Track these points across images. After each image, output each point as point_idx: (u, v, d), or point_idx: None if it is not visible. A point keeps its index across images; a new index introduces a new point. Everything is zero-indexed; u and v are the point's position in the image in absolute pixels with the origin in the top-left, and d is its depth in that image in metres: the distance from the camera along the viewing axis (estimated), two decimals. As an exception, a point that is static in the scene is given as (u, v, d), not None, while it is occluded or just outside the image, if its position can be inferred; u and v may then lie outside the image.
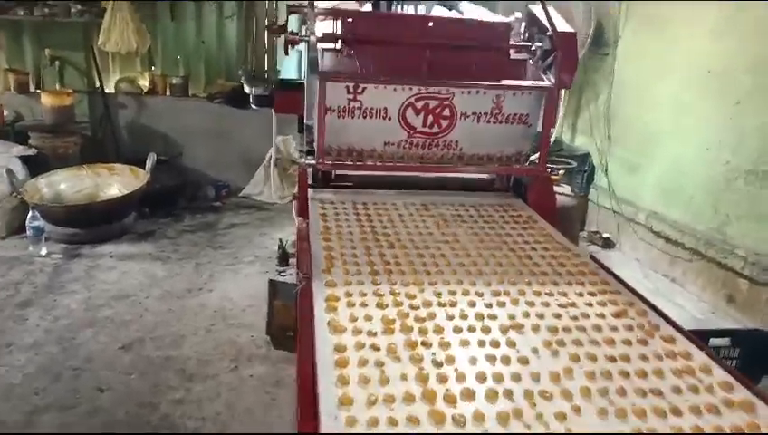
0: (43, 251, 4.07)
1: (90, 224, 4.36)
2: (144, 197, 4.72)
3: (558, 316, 1.55)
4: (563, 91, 5.00)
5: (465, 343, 1.40)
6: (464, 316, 1.53)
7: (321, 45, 2.50)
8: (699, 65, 3.90)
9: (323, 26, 2.64)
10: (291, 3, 2.80)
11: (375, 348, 1.33)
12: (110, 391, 2.69)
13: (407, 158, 2.54)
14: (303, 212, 2.35)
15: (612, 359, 1.38)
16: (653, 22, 4.38)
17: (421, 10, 4.11)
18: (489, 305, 1.59)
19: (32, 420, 2.48)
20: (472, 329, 1.46)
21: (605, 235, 4.79)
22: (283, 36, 2.74)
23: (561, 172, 4.17)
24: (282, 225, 4.90)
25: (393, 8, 4.10)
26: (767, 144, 3.43)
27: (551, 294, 1.66)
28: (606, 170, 4.81)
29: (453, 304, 1.58)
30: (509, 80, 2.55)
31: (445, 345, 1.38)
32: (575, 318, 1.56)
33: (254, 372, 2.89)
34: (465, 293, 1.64)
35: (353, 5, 4.01)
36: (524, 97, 2.54)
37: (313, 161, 2.45)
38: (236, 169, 5.71)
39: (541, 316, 1.55)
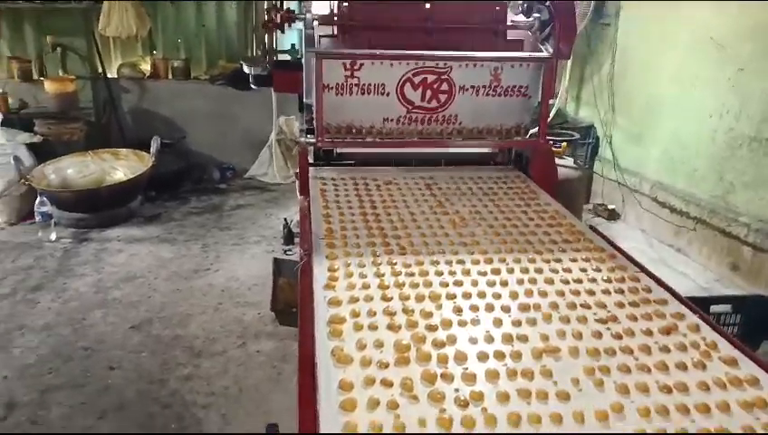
0: (53, 236, 4.13)
1: (97, 208, 4.42)
2: (150, 180, 4.77)
3: (540, 270, 1.64)
4: (566, 62, 4.96)
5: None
6: (452, 272, 1.60)
7: (317, 24, 2.50)
8: (701, 33, 3.86)
9: (319, 6, 2.64)
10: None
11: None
12: (120, 369, 2.76)
13: (406, 133, 2.55)
14: (305, 190, 2.37)
15: (604, 321, 1.41)
16: (655, -10, 4.33)
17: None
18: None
19: (45, 398, 2.55)
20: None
21: (610, 206, 4.78)
22: (278, 14, 2.72)
23: (563, 144, 4.16)
24: (287, 205, 4.93)
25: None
26: (769, 110, 3.40)
27: (554, 271, 1.64)
28: (610, 142, 4.78)
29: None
30: (505, 52, 2.55)
31: (446, 323, 1.37)
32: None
33: (260, 347, 2.94)
34: (465, 271, 1.61)
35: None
36: (523, 69, 2.53)
37: (313, 140, 2.46)
38: (241, 150, 5.73)
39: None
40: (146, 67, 5.68)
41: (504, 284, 1.56)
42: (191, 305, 3.33)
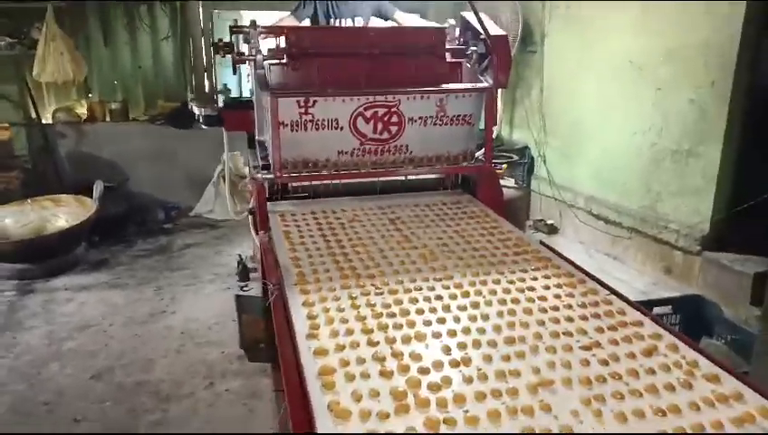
0: (-6, 290, 3.98)
1: (40, 258, 4.28)
2: (94, 225, 4.66)
3: (516, 301, 1.66)
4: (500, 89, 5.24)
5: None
6: (426, 298, 1.66)
7: (267, 63, 2.59)
8: (621, 57, 4.20)
9: (266, 44, 2.74)
10: (233, 25, 2.85)
11: (354, 346, 1.40)
12: (85, 421, 2.69)
13: (360, 165, 2.65)
14: (264, 225, 2.43)
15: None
16: (575, 20, 4.68)
17: (359, 22, 4.26)
18: (454, 296, 1.68)
19: (9, 458, 2.46)
20: (427, 299, 1.66)
21: (549, 221, 5.05)
22: (227, 55, 2.78)
23: (504, 166, 4.39)
24: (237, 241, 4.93)
25: (331, 21, 4.24)
26: (687, 125, 3.74)
27: (530, 299, 1.67)
28: (544, 161, 5.07)
29: (424, 298, 1.66)
30: (449, 83, 2.72)
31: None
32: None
33: (229, 386, 2.93)
34: (446, 307, 1.62)
35: (292, 21, 4.13)
36: (466, 99, 2.69)
37: (271, 175, 2.52)
38: (185, 188, 5.67)
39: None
40: (82, 111, 5.57)
41: (486, 317, 1.56)
42: (152, 350, 3.28)
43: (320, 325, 1.50)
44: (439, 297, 1.68)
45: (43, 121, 5.33)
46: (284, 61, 2.63)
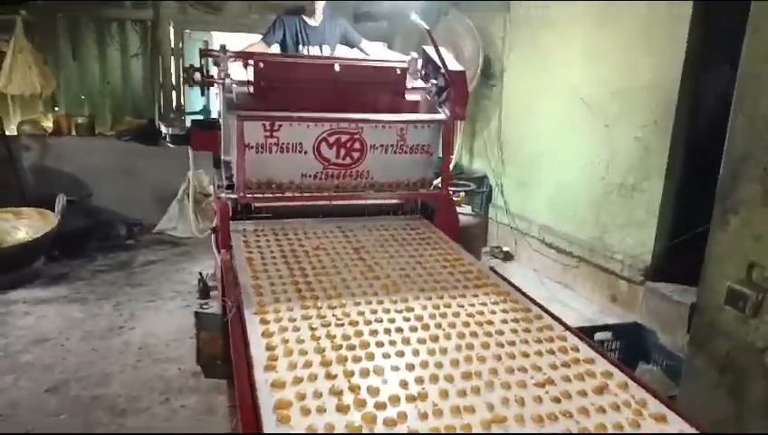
0: (-52, 301, 3.93)
1: (-2, 270, 4.25)
2: (55, 239, 4.64)
3: (466, 324, 1.74)
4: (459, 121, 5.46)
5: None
6: (387, 331, 1.68)
7: (236, 87, 2.70)
8: (573, 93, 4.44)
9: (235, 67, 2.86)
10: (203, 48, 2.96)
11: (312, 378, 1.41)
12: (38, 433, 2.70)
13: (323, 188, 2.76)
14: (225, 244, 2.51)
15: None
16: (531, 55, 4.93)
17: (326, 50, 4.41)
18: (414, 329, 1.71)
19: (-41, 469, 2.45)
20: (387, 331, 1.67)
21: (505, 248, 5.24)
22: (196, 75, 2.88)
23: (462, 194, 4.56)
24: (199, 259, 4.97)
25: (299, 47, 4.38)
26: (632, 161, 3.97)
27: (488, 334, 1.70)
28: (501, 190, 5.27)
29: (384, 330, 1.69)
30: (410, 114, 2.87)
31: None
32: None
33: (185, 402, 2.97)
34: (405, 340, 1.64)
35: (262, 46, 4.25)
36: (425, 129, 2.85)
37: (234, 195, 2.62)
38: (148, 205, 5.70)
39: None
40: (48, 124, 5.57)
41: (444, 351, 1.58)
42: (109, 365, 3.29)
43: (278, 356, 1.50)
44: (400, 329, 1.69)
45: (7, 133, 5.29)
46: (251, 91, 2.74)
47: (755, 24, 2.14)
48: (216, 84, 2.83)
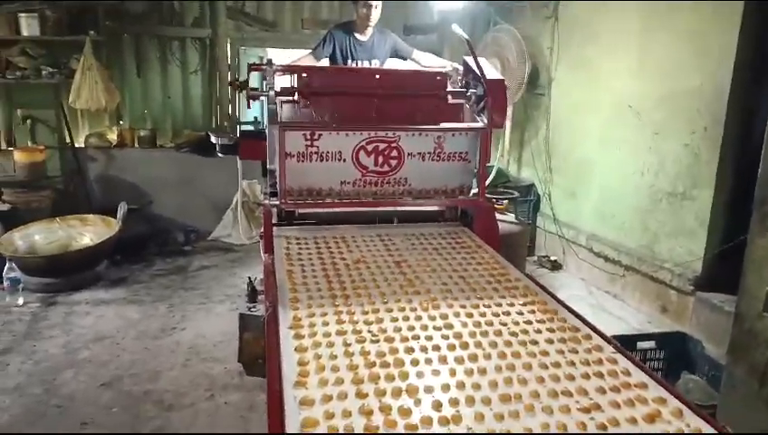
0: (20, 301, 4.23)
1: (64, 273, 4.54)
2: (116, 245, 4.92)
3: (517, 355, 1.59)
4: (506, 128, 5.45)
5: (429, 390, 1.44)
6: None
7: (279, 99, 2.82)
8: (621, 102, 4.37)
9: (281, 80, 2.98)
10: (251, 63, 3.10)
11: (342, 397, 1.36)
12: (93, 424, 2.88)
13: (361, 195, 2.84)
14: (269, 248, 2.62)
15: (534, 356, 1.57)
16: (580, 64, 4.88)
17: (375, 64, 4.49)
18: (452, 347, 1.62)
19: (21, 454, 2.65)
20: (424, 348, 1.60)
21: (552, 258, 5.17)
22: (244, 91, 3.02)
23: (505, 202, 4.55)
24: (250, 264, 5.14)
25: (349, 62, 4.48)
26: (681, 168, 3.87)
27: (531, 354, 1.61)
28: (549, 198, 5.22)
29: (421, 347, 1.61)
30: (447, 122, 2.92)
31: (425, 421, 1.36)
32: (533, 354, 1.61)
33: (228, 399, 3.10)
34: (442, 358, 1.57)
35: (310, 60, 4.39)
36: (462, 137, 2.88)
37: (277, 202, 2.73)
38: (205, 213, 5.95)
39: (493, 344, 1.65)
40: (113, 137, 5.91)
41: (483, 372, 1.49)
42: (160, 362, 3.47)
43: (309, 372, 1.45)
44: (437, 347, 1.61)
45: (76, 145, 5.67)
46: (295, 98, 2.85)
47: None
48: (261, 96, 2.96)
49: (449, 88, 3.06)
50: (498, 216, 3.55)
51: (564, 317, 1.85)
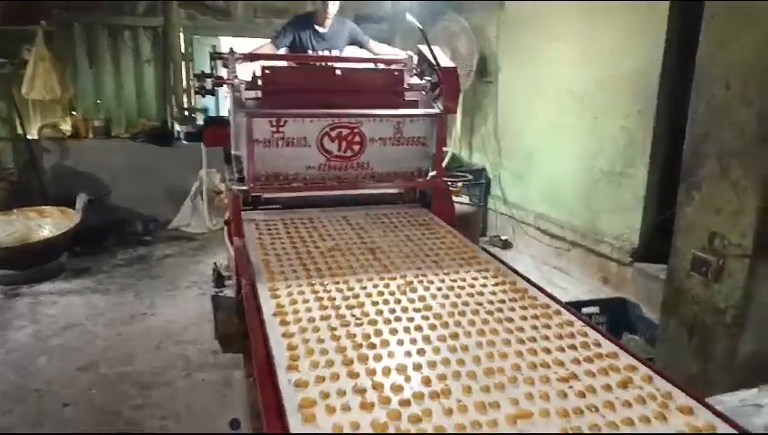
0: (-18, 293, 4.23)
1: (25, 265, 4.54)
2: (76, 236, 4.93)
3: (495, 331, 1.68)
4: (457, 115, 5.71)
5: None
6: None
7: (243, 87, 2.95)
8: (563, 88, 4.68)
9: (242, 68, 3.10)
10: (213, 51, 3.20)
11: (335, 378, 1.41)
12: (73, 405, 2.98)
13: (326, 179, 3.01)
14: (239, 232, 2.76)
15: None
16: (525, 53, 5.17)
17: (334, 54, 4.63)
18: (434, 327, 1.70)
19: (5, 435, 2.74)
20: (413, 341, 1.64)
21: (503, 237, 5.48)
22: (208, 79, 3.13)
23: (459, 185, 4.80)
24: (213, 251, 5.24)
25: (308, 51, 4.60)
26: (618, 150, 4.21)
27: (508, 330, 1.70)
28: (499, 181, 5.52)
29: (404, 328, 1.68)
30: (405, 109, 3.11)
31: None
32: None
33: (205, 376, 3.25)
34: (426, 338, 1.64)
35: (270, 48, 4.50)
36: (419, 123, 3.07)
37: (245, 187, 2.87)
38: (163, 203, 5.99)
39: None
40: (66, 127, 5.87)
41: (465, 349, 1.57)
42: (133, 347, 3.57)
43: (299, 356, 1.50)
44: (419, 328, 1.68)
45: (29, 137, 5.61)
46: (259, 96, 2.98)
47: (711, 11, 2.37)
48: (225, 84, 3.08)
49: (405, 76, 3.24)
50: (454, 198, 3.80)
51: (535, 296, 1.96)
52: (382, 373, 1.45)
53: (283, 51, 4.58)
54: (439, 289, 1.97)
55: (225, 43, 6.39)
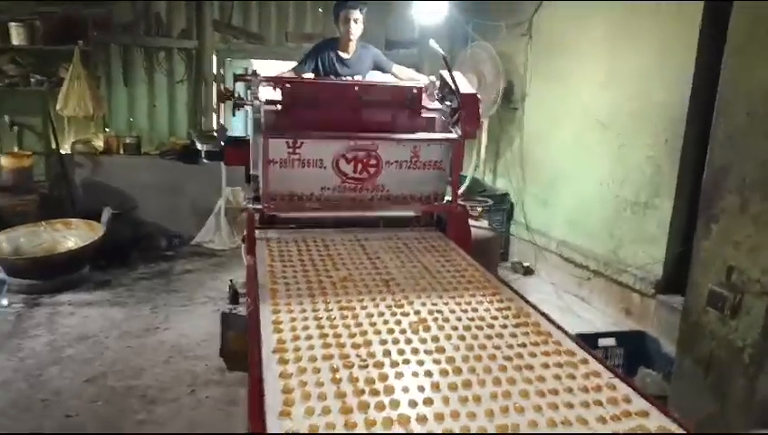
0: (5, 302, 4.32)
1: (48, 275, 4.63)
2: (100, 248, 5.02)
3: (512, 381, 1.56)
4: (482, 141, 5.68)
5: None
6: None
7: (264, 108, 2.97)
8: (590, 115, 4.61)
9: (266, 91, 3.13)
10: (236, 73, 3.25)
11: (330, 428, 1.32)
12: (78, 416, 2.99)
13: (341, 200, 2.99)
14: (251, 250, 2.76)
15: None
16: (552, 80, 5.12)
17: (357, 78, 4.66)
18: (445, 372, 1.59)
19: (8, 443, 2.75)
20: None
21: (525, 264, 5.38)
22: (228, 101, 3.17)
23: (479, 210, 4.74)
24: (232, 268, 5.26)
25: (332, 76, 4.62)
26: (644, 179, 4.10)
27: (508, 358, 1.65)
28: (522, 207, 5.44)
29: (412, 373, 1.57)
30: (423, 133, 3.09)
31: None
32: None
33: (210, 393, 3.23)
34: (435, 385, 1.51)
35: (293, 75, 4.55)
36: (437, 147, 3.04)
37: (260, 206, 2.88)
38: (188, 219, 6.07)
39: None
40: (99, 144, 6.01)
41: (478, 400, 1.46)
42: (143, 360, 3.58)
43: (294, 402, 1.39)
44: (429, 373, 1.56)
45: (62, 152, 5.77)
46: (278, 108, 3.01)
47: (733, 40, 2.30)
48: (246, 105, 3.11)
49: (425, 100, 3.22)
50: (472, 222, 3.74)
51: (559, 340, 1.82)
52: (382, 425, 1.33)
53: (307, 76, 4.61)
54: (455, 328, 1.85)
55: (258, 66, 6.50)
